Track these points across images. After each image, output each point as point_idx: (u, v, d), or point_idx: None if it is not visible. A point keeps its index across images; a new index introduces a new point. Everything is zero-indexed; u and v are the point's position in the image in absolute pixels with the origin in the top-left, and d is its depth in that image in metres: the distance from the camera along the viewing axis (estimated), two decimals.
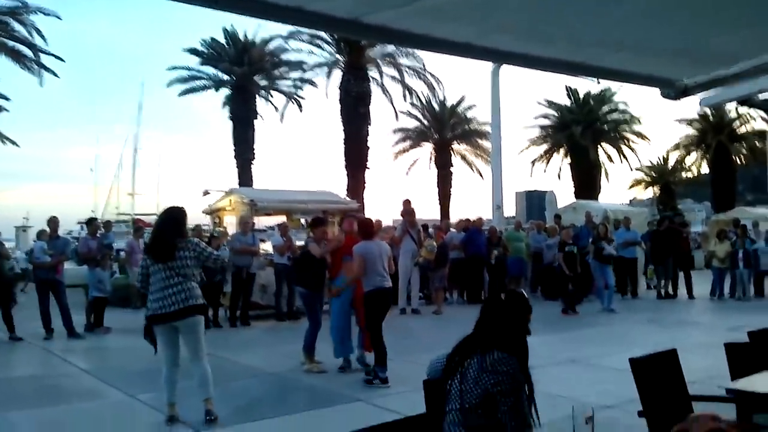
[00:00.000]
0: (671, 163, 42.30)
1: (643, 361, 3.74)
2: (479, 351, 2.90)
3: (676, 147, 40.77)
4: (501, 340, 2.92)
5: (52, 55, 21.04)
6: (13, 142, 23.97)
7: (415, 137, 37.53)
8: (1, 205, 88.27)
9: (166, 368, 5.87)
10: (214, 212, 15.75)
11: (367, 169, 28.24)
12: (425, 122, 37.17)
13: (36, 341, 10.68)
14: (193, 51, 32.05)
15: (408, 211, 13.92)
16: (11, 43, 20.44)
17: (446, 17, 2.52)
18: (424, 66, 29.08)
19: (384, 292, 7.48)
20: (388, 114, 31.76)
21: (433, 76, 29.83)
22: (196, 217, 19.27)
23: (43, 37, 20.44)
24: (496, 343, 2.91)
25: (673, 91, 3.73)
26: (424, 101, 34.33)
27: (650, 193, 44.81)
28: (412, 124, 37.03)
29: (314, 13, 2.27)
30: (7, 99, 22.95)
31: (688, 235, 17.86)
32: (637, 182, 44.49)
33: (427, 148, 37.76)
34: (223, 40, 32.45)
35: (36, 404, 6.92)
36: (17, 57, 20.63)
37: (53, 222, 11.62)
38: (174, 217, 5.97)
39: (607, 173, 37.22)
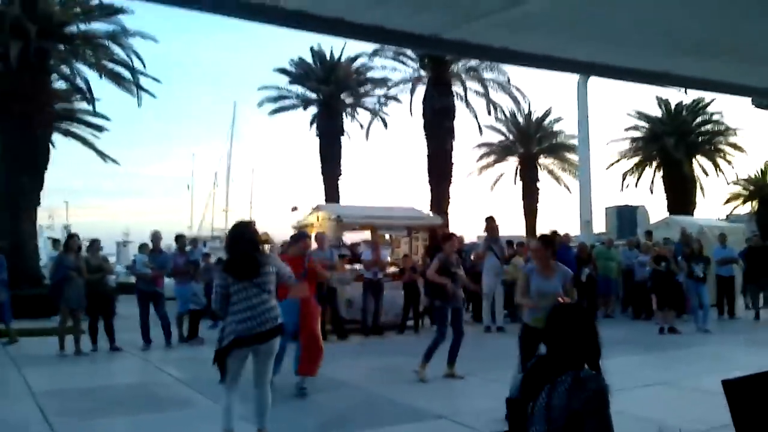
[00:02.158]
0: None
1: (738, 384, 3.57)
2: (567, 369, 2.83)
3: None
4: (584, 358, 2.87)
5: (150, 76, 22.02)
6: (114, 161, 25.18)
7: (499, 152, 37.16)
8: (102, 221, 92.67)
9: (229, 395, 5.36)
10: (301, 228, 16.07)
11: (451, 185, 28.17)
12: (510, 136, 36.76)
13: (134, 351, 11.18)
14: (283, 71, 32.92)
15: (491, 227, 13.80)
16: (111, 65, 21.50)
17: (524, 29, 2.52)
18: (508, 79, 28.81)
19: None
20: (472, 128, 31.72)
21: (518, 89, 29.45)
22: (286, 232, 19.75)
23: (141, 59, 21.46)
24: (582, 361, 2.85)
25: (766, 100, 3.59)
26: (508, 115, 33.99)
27: (748, 207, 42.71)
28: (496, 138, 36.72)
29: (395, 31, 2.33)
30: (107, 119, 24.22)
31: None
32: (734, 196, 42.47)
33: (513, 163, 37.32)
34: (310, 60, 33.20)
35: (133, 411, 7.25)
36: (117, 79, 21.69)
37: (155, 237, 12.27)
38: (249, 231, 5.71)
39: (702, 187, 35.72)
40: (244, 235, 5.59)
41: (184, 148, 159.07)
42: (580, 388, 2.79)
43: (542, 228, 35.16)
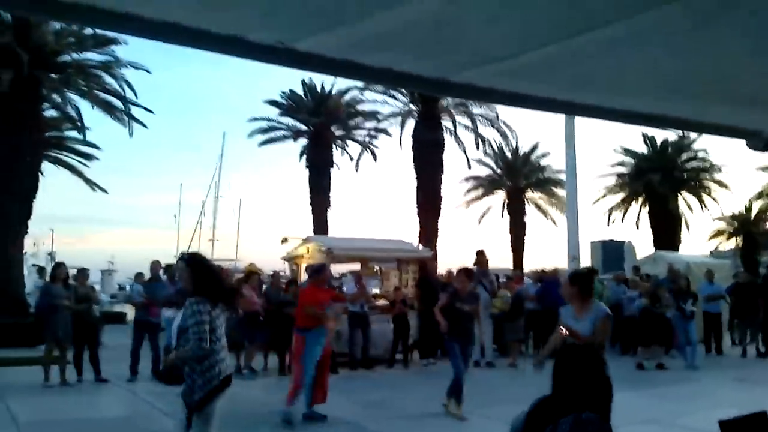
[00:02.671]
0: (754, 212, 40.73)
1: (734, 424, 3.59)
2: (570, 411, 2.84)
3: (759, 195, 39.25)
4: (590, 400, 2.87)
5: (141, 106, 22.11)
6: (102, 189, 25.18)
7: (487, 185, 37.42)
8: (89, 249, 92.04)
9: None
10: (292, 259, 16.06)
11: (440, 218, 28.26)
12: (498, 170, 37.07)
13: (120, 383, 11.04)
14: (273, 102, 33.12)
15: (481, 261, 13.83)
16: (103, 95, 21.58)
17: (528, 74, 2.58)
18: (497, 115, 29.14)
19: None
20: (461, 162, 31.83)
21: (505, 124, 29.78)
22: (275, 263, 19.69)
23: (133, 89, 21.56)
24: (586, 404, 2.86)
25: (762, 142, 3.66)
26: (496, 149, 34.30)
27: (732, 243, 43.12)
28: (484, 172, 37.00)
29: (403, 74, 2.38)
30: (98, 148, 24.24)
31: None
32: (719, 232, 42.91)
33: (500, 196, 37.59)
34: (301, 92, 33.44)
35: None
36: (109, 109, 21.75)
37: (154, 265, 12.42)
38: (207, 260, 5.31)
39: (687, 223, 36.09)
40: (206, 263, 5.13)
41: (172, 178, 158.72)
42: (581, 431, 2.80)
43: (529, 262, 35.34)
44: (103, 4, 1.79)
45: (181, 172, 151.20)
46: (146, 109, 22.42)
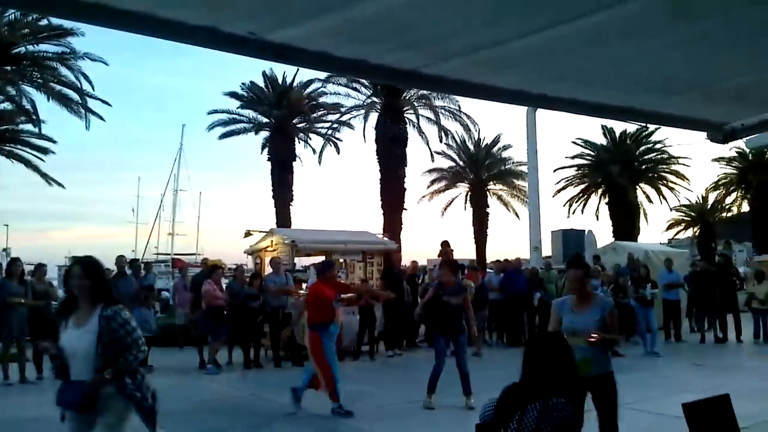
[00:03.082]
0: (710, 202, 41.78)
1: (697, 406, 3.70)
2: (538, 397, 2.90)
3: (715, 186, 40.28)
4: (557, 386, 2.93)
5: (99, 99, 21.71)
6: (59, 184, 24.69)
7: (450, 177, 37.60)
8: (46, 245, 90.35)
9: None
10: (255, 252, 15.94)
11: (404, 210, 28.34)
12: (461, 163, 37.26)
13: None
14: (233, 95, 32.73)
15: (445, 251, 13.93)
16: (59, 87, 21.12)
17: (500, 67, 2.61)
18: (459, 107, 29.32)
19: None
20: (424, 155, 32.01)
21: (468, 116, 30.01)
22: (238, 257, 19.52)
23: (90, 82, 21.15)
24: (554, 389, 2.91)
25: (721, 134, 3.76)
26: (459, 142, 34.53)
27: (689, 233, 44.18)
28: (447, 164, 37.17)
29: (377, 66, 2.39)
30: (54, 142, 23.72)
31: (736, 276, 17.39)
32: (676, 222, 43.91)
33: (463, 189, 37.82)
34: (262, 84, 33.11)
35: None
36: (65, 101, 21.30)
37: (119, 261, 12.27)
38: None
39: (645, 213, 36.85)
40: (100, 265, 4.59)
41: (130, 172, 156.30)
42: (549, 416, 2.85)
43: (492, 253, 35.67)
44: None
45: (141, 166, 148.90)
46: (103, 101, 22.04)
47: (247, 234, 16.71)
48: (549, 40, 2.36)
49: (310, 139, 33.37)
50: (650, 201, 36.89)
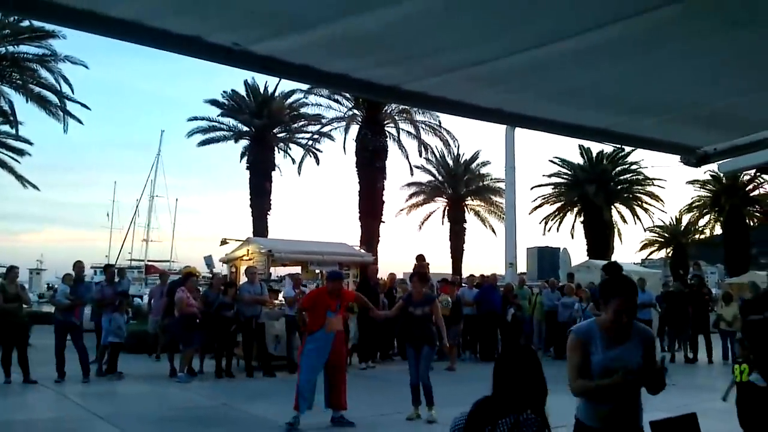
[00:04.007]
0: (684, 224, 42.39)
1: (663, 425, 3.75)
2: (509, 412, 2.91)
3: (689, 208, 40.87)
4: (529, 400, 2.96)
5: (78, 102, 21.55)
6: (34, 186, 24.42)
7: (429, 192, 37.80)
8: (19, 248, 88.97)
9: None
10: (231, 261, 15.88)
11: (382, 222, 28.39)
12: (439, 177, 37.47)
13: (50, 384, 10.72)
14: (214, 102, 32.67)
15: (421, 265, 13.98)
16: (38, 89, 20.94)
17: (479, 85, 2.66)
18: (440, 123, 29.54)
19: None
20: (404, 168, 31.99)
21: (448, 132, 30.27)
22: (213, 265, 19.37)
23: (69, 84, 20.99)
24: (525, 404, 2.93)
25: (694, 158, 3.84)
26: (438, 157, 34.74)
27: (662, 253, 44.74)
28: (426, 178, 37.40)
29: (358, 81, 2.43)
30: (30, 143, 23.48)
31: (709, 297, 17.63)
32: (650, 243, 44.46)
33: (441, 203, 38.02)
34: (243, 93, 33.07)
35: None
36: (43, 103, 21.12)
37: (78, 266, 11.93)
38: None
39: (620, 233, 37.27)
40: None
41: (106, 176, 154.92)
42: (520, 431, 2.88)
43: (468, 268, 35.83)
44: (64, 0, 1.78)
45: (117, 171, 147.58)
46: (82, 104, 21.88)
47: (223, 242, 16.66)
48: (528, 60, 2.42)
49: (290, 149, 33.43)
50: (625, 221, 37.41)
